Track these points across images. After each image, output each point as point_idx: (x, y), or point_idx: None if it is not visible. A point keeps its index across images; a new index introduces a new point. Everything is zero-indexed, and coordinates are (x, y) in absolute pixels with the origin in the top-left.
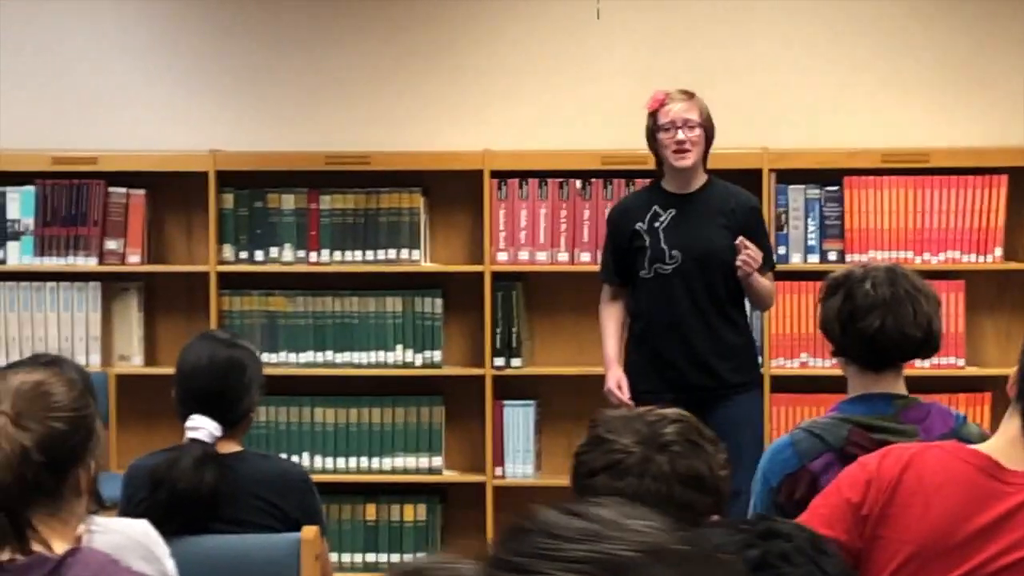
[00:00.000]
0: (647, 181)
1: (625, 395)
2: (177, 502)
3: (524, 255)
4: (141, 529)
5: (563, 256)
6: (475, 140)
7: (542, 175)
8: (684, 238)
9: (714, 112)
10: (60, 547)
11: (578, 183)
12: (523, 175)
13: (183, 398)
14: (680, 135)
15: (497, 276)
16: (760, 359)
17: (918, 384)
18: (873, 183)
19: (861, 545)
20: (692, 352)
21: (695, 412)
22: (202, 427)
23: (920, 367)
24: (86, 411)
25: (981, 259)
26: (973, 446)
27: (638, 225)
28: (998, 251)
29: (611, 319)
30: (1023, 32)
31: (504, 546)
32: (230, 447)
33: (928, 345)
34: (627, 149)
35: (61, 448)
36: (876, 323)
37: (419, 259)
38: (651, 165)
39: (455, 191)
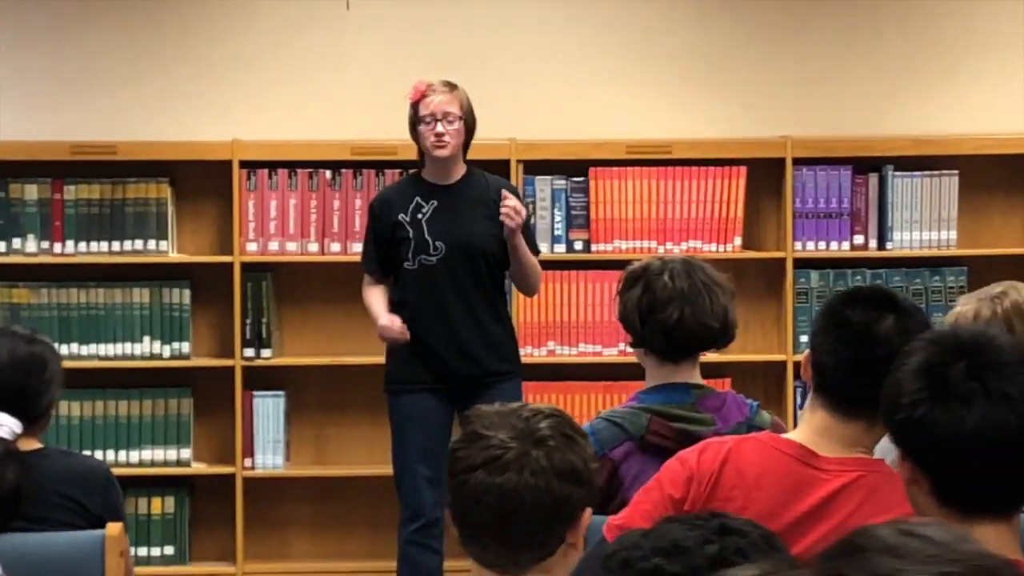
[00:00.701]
0: (397, 172)
1: (397, 327)
2: None
3: (274, 245)
4: None
5: (313, 247)
6: (224, 130)
7: (292, 165)
8: (447, 229)
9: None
10: None
11: (328, 173)
12: (273, 165)
13: None
14: (439, 127)
15: (247, 267)
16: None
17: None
18: (618, 174)
19: None
20: (457, 342)
21: (458, 401)
22: (3, 424)
23: None
24: None
25: (721, 248)
26: (784, 435)
27: (400, 216)
28: (737, 240)
29: (374, 292)
30: (762, 26)
31: (843, 565)
32: (31, 444)
33: (724, 335)
34: (377, 140)
35: None
36: (675, 314)
37: (167, 250)
38: (402, 155)
39: (203, 181)
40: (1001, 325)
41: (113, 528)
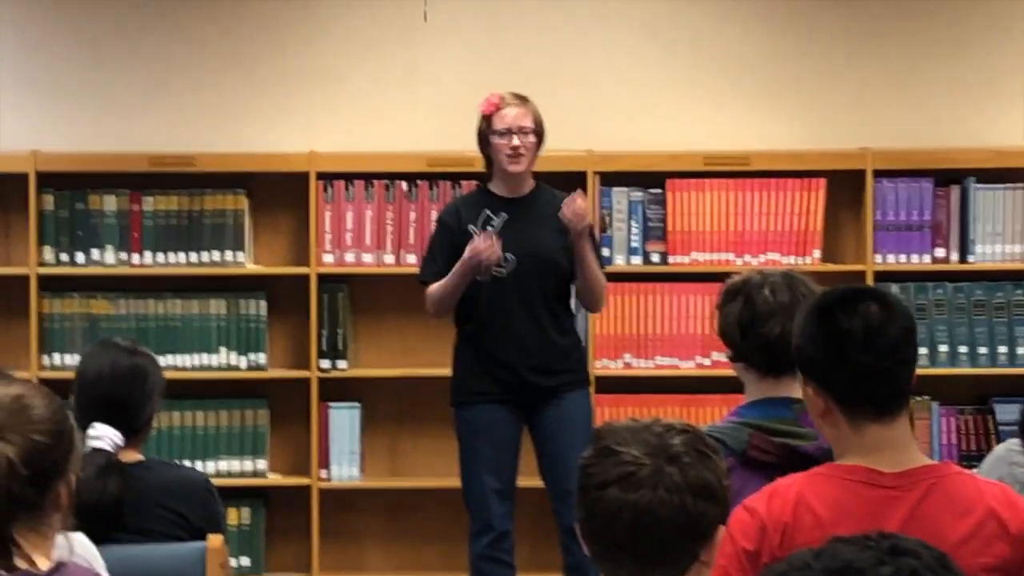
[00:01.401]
0: (473, 183)
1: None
2: (80, 513)
3: (350, 257)
4: (83, 543)
5: (389, 258)
6: (301, 142)
7: (368, 177)
8: (518, 242)
9: (544, 114)
10: (43, 563)
11: (404, 185)
12: (349, 177)
13: (84, 407)
14: (515, 140)
15: (323, 278)
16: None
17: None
18: (695, 185)
19: None
20: (525, 353)
21: (526, 412)
22: (104, 436)
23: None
24: (66, 424)
25: (800, 261)
26: (841, 461)
27: (471, 227)
28: (817, 253)
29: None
30: (840, 36)
31: None
32: (132, 456)
33: None
34: (453, 151)
35: (44, 461)
36: (776, 329)
37: (243, 261)
38: (477, 167)
39: (280, 193)
40: None
41: (214, 540)
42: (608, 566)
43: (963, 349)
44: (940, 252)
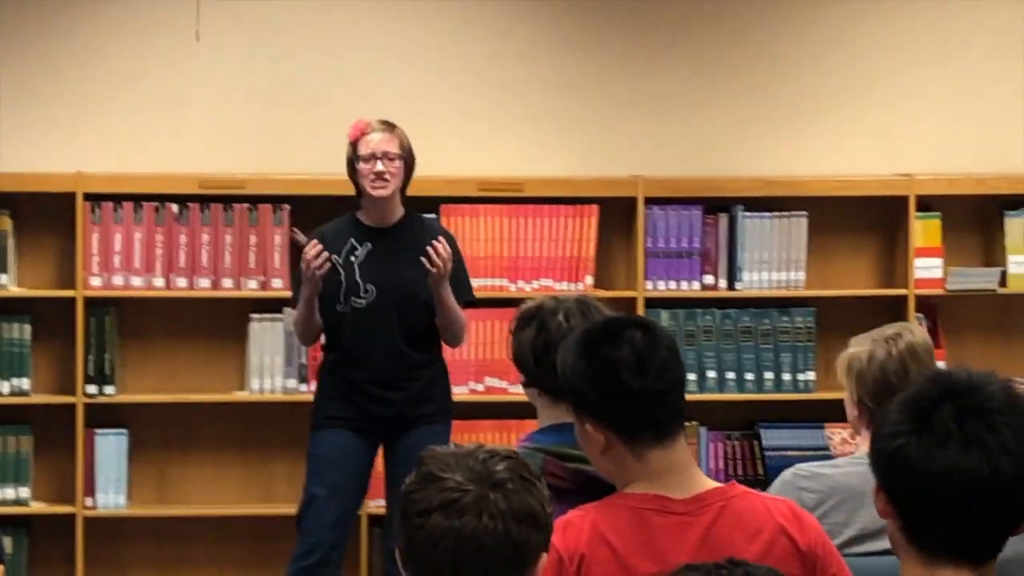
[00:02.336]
0: (245, 207)
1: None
2: None
3: (118, 280)
4: None
5: (159, 282)
6: (67, 162)
7: (138, 198)
8: (380, 273)
9: (318, 138)
10: None
11: (175, 207)
12: (118, 198)
13: None
14: (379, 166)
15: (90, 301)
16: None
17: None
18: (469, 211)
19: None
20: (382, 384)
21: (383, 442)
22: None
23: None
24: None
25: (573, 287)
26: (628, 490)
27: (333, 258)
28: (589, 279)
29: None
30: (614, 65)
31: None
32: None
33: None
34: (225, 173)
35: None
36: None
37: (6, 283)
38: (250, 190)
39: (46, 214)
40: (896, 366)
41: None
42: None
43: (730, 375)
44: (709, 279)
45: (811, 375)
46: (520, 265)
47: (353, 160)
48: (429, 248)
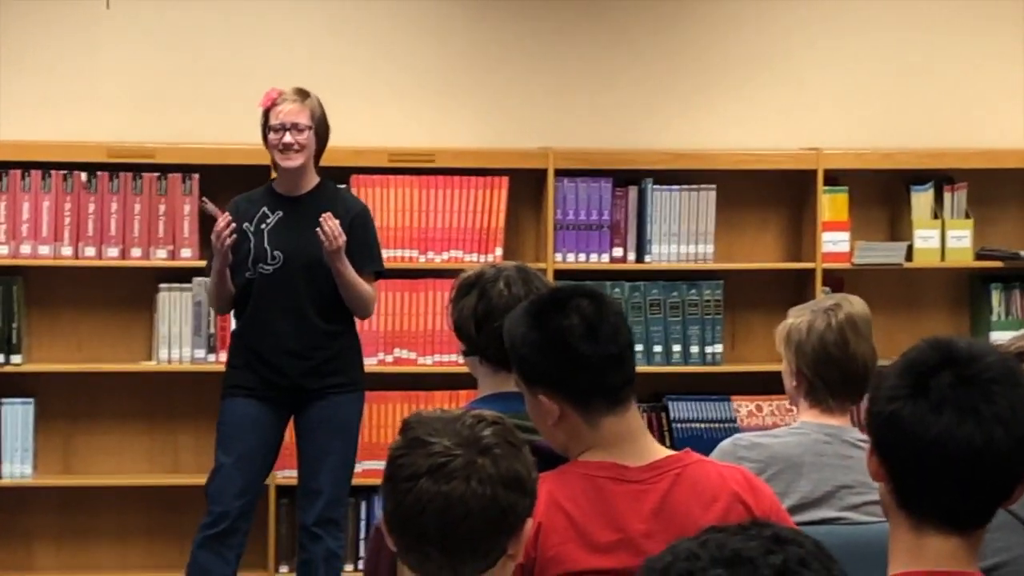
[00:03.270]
0: (154, 175)
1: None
2: None
3: (26, 249)
4: None
5: (67, 250)
6: None
7: (46, 167)
8: (287, 240)
9: (227, 108)
10: None
11: (83, 176)
12: (26, 166)
13: None
14: (288, 137)
15: None
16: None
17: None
18: (380, 182)
19: None
20: (288, 352)
21: (291, 411)
22: None
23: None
24: None
25: (482, 259)
26: (582, 458)
27: (245, 225)
28: (499, 251)
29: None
30: (526, 36)
31: None
32: None
33: None
34: (135, 142)
35: None
36: None
37: None
38: (160, 159)
39: None
40: (836, 336)
41: None
42: (415, 558)
43: (639, 347)
44: (618, 251)
45: (719, 348)
46: (430, 236)
47: (265, 129)
48: (321, 221)
